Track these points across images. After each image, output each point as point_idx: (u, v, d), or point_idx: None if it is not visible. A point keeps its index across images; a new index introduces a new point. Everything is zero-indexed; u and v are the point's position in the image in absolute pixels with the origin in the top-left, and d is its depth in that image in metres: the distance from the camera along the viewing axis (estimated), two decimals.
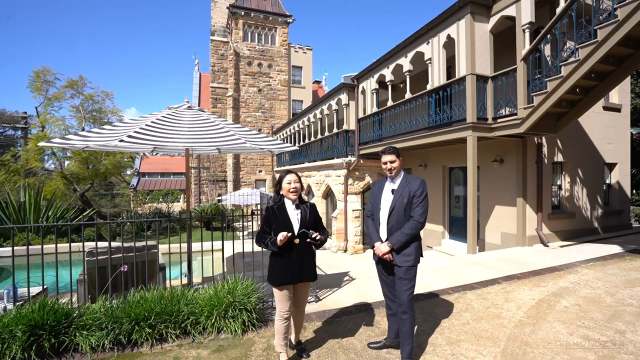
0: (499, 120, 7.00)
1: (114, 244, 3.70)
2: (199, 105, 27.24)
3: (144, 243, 3.85)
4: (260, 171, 25.23)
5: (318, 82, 33.22)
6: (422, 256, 2.83)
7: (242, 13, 23.62)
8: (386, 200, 2.79)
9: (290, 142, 19.88)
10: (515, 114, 6.59)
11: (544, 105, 6.00)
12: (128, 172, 30.69)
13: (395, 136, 9.55)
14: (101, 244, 5.85)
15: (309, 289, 2.91)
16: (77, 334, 3.00)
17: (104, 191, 34.34)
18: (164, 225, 10.32)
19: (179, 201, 29.14)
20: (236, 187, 23.80)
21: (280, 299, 2.71)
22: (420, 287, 4.80)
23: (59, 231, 9.27)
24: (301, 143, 17.54)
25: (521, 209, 7.40)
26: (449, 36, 7.50)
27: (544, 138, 7.73)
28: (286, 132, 20.87)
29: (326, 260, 8.49)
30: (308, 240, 2.70)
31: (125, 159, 19.29)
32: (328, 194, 15.73)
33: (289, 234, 2.61)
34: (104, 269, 3.52)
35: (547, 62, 6.13)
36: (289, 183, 2.75)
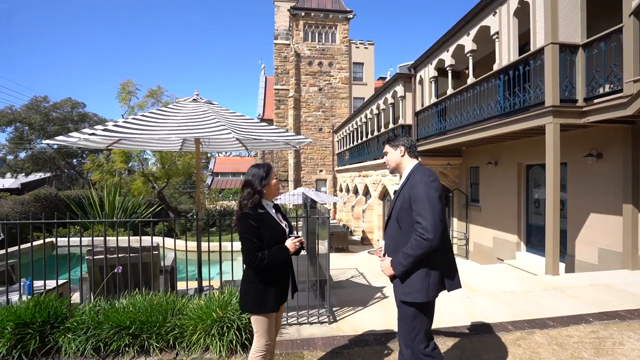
0: (594, 101, 5.32)
1: (114, 243, 3.60)
2: (263, 108, 28.51)
3: (145, 244, 3.69)
4: (320, 171, 25.11)
5: (383, 78, 31.81)
6: (445, 289, 1.92)
7: (303, 14, 23.80)
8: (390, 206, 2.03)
9: (349, 141, 19.25)
10: (620, 91, 4.88)
11: None
12: (204, 172, 33.75)
13: (457, 129, 8.21)
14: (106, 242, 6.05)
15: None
16: (62, 336, 2.90)
17: (189, 189, 38.43)
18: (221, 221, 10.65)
19: None
20: (297, 186, 24.08)
21: (268, 327, 2.13)
22: (468, 316, 3.75)
23: (125, 225, 10.19)
24: (359, 141, 16.79)
25: (630, 218, 5.54)
26: (521, 0, 6.01)
27: None
28: (345, 131, 20.30)
29: (376, 269, 7.64)
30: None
31: (203, 161, 21.00)
32: (385, 195, 14.67)
33: (301, 239, 2.20)
34: (103, 269, 3.42)
35: None
36: (276, 178, 2.28)
